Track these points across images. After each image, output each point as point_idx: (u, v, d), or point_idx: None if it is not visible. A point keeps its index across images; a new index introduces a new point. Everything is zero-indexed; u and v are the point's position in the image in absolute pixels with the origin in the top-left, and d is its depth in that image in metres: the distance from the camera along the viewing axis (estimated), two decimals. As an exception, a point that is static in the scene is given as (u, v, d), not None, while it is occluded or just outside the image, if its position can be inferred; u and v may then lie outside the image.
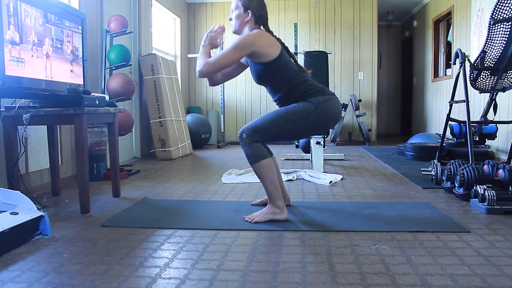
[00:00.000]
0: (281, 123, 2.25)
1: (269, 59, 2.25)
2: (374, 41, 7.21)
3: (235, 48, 2.21)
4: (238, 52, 2.22)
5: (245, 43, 2.22)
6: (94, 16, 4.06)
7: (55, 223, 2.25)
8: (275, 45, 2.28)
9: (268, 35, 2.31)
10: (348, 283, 1.45)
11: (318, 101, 2.25)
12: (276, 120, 2.25)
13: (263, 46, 2.23)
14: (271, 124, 2.25)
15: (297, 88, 2.30)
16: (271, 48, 2.26)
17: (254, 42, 2.22)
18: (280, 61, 2.27)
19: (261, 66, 2.29)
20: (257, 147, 2.22)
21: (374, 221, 2.25)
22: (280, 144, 6.95)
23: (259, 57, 2.25)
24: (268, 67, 2.27)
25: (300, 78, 2.32)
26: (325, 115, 2.26)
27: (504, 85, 3.19)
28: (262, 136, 2.25)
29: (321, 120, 2.26)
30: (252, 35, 2.25)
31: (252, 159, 2.23)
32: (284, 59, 2.30)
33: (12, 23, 2.33)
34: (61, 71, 2.81)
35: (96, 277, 1.53)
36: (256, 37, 2.24)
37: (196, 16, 7.45)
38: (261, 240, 1.95)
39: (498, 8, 2.96)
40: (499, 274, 1.53)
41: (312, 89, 2.30)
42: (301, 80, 2.31)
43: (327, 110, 2.26)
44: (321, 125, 2.29)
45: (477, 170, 2.67)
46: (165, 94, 5.20)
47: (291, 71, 2.31)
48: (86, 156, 2.51)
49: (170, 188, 3.27)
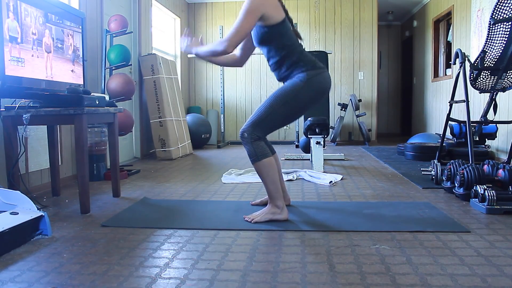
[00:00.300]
0: (276, 110, 2.26)
1: (274, 22, 2.26)
2: (374, 41, 7.21)
3: (247, 12, 2.19)
4: (252, 15, 2.20)
5: (255, 4, 2.20)
6: (94, 16, 4.06)
7: (55, 223, 2.25)
8: (279, 9, 2.30)
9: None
10: (348, 283, 1.45)
11: (307, 76, 2.27)
12: (270, 109, 2.26)
13: (270, 9, 2.24)
14: (267, 114, 2.26)
15: (291, 56, 2.31)
16: (277, 11, 2.27)
17: (263, 3, 2.21)
18: (283, 26, 2.29)
19: (265, 29, 2.28)
20: (259, 145, 2.23)
21: (374, 221, 2.25)
22: (280, 144, 6.96)
23: (266, 19, 2.25)
24: (271, 29, 2.27)
25: (296, 47, 2.34)
26: (315, 89, 2.29)
27: (504, 85, 3.19)
28: (263, 129, 2.25)
29: (312, 94, 2.29)
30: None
31: (254, 157, 2.23)
32: (287, 25, 2.32)
33: (12, 16, 2.33)
34: (62, 71, 2.81)
35: (96, 277, 1.53)
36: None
37: (196, 16, 7.45)
38: (261, 240, 1.95)
39: (498, 8, 2.96)
40: (499, 274, 1.53)
41: (304, 61, 2.31)
42: (296, 50, 2.33)
43: (317, 83, 2.29)
44: (313, 99, 2.32)
45: (477, 170, 2.67)
46: (165, 94, 5.20)
47: (290, 38, 2.32)
48: (86, 156, 2.51)
49: (170, 188, 3.27)
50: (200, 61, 7.47)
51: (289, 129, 7.32)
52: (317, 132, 4.14)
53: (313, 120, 4.15)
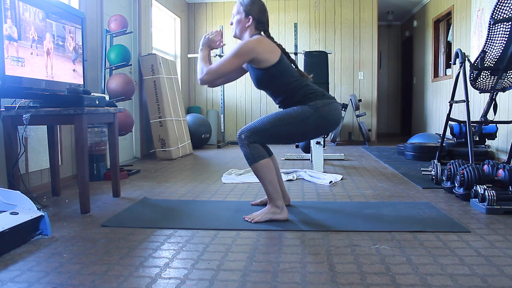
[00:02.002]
0: (279, 126, 2.25)
1: (269, 64, 2.26)
2: (374, 41, 7.21)
3: (236, 55, 2.22)
4: (239, 59, 2.23)
5: (245, 49, 2.22)
6: (94, 16, 4.06)
7: (55, 223, 2.25)
8: (275, 50, 2.29)
9: (268, 41, 2.31)
10: (348, 283, 1.45)
11: (317, 105, 2.25)
12: (274, 122, 2.25)
13: (263, 52, 2.24)
14: (270, 126, 2.25)
15: (297, 92, 2.30)
16: (271, 54, 2.26)
17: (254, 48, 2.23)
18: (279, 66, 2.28)
19: (261, 72, 2.30)
20: (255, 147, 2.23)
21: (374, 221, 2.25)
22: (280, 144, 6.95)
23: (259, 63, 2.26)
24: (268, 72, 2.28)
25: (300, 82, 2.32)
26: (324, 119, 2.26)
27: (504, 85, 3.19)
28: (261, 138, 2.25)
29: (320, 124, 2.27)
30: (252, 41, 2.25)
31: (250, 159, 2.23)
32: (284, 64, 2.31)
33: (9, 16, 2.33)
34: (63, 70, 2.81)
35: (96, 277, 1.53)
36: (256, 44, 2.24)
37: (196, 16, 7.45)
38: (261, 240, 1.95)
39: (498, 8, 2.96)
40: (499, 274, 1.53)
41: (312, 93, 2.30)
42: (301, 85, 2.31)
43: (326, 114, 2.26)
44: (320, 129, 2.30)
45: (477, 170, 2.67)
46: (165, 94, 5.20)
47: (290, 75, 2.31)
48: (86, 156, 2.51)
49: (170, 188, 3.27)
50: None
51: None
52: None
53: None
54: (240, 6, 2.37)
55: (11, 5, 2.33)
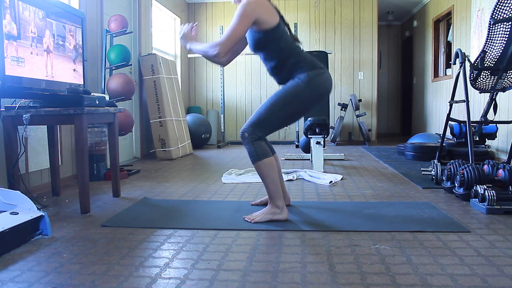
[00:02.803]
0: (277, 110, 2.25)
1: (268, 26, 2.25)
2: (374, 41, 7.21)
3: (240, 17, 2.18)
4: (245, 20, 2.19)
5: (248, 9, 2.19)
6: (94, 16, 4.06)
7: (55, 223, 2.25)
8: (274, 13, 2.29)
9: (267, 2, 2.31)
10: (348, 283, 1.45)
11: (309, 77, 2.26)
12: (271, 109, 2.26)
13: (264, 13, 2.23)
14: (268, 114, 2.25)
15: (289, 59, 2.30)
16: (271, 16, 2.26)
17: (256, 8, 2.21)
18: (278, 29, 2.28)
19: (260, 34, 2.28)
20: (259, 145, 2.23)
21: (374, 221, 2.25)
22: (280, 144, 6.96)
23: (260, 24, 2.24)
24: (267, 34, 2.27)
25: (294, 49, 2.33)
26: (317, 90, 2.28)
27: (504, 85, 3.19)
28: (263, 129, 2.25)
29: (313, 95, 2.29)
30: (252, 2, 2.22)
31: (254, 157, 2.23)
32: (282, 29, 2.31)
33: (8, 13, 2.33)
34: (63, 70, 2.80)
35: (96, 277, 1.53)
36: (257, 3, 2.23)
37: (196, 16, 7.45)
38: (261, 240, 1.95)
39: (498, 8, 2.96)
40: (499, 274, 1.53)
41: (303, 62, 2.30)
42: (294, 51, 2.32)
43: (318, 84, 2.28)
44: (315, 100, 2.31)
45: (477, 170, 2.67)
46: (165, 94, 5.20)
47: (286, 41, 2.32)
48: (86, 156, 2.51)
49: (170, 188, 3.27)
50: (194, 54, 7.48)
51: (289, 129, 7.32)
52: (317, 132, 4.14)
53: (313, 120, 4.15)
54: None
55: (11, 4, 2.33)
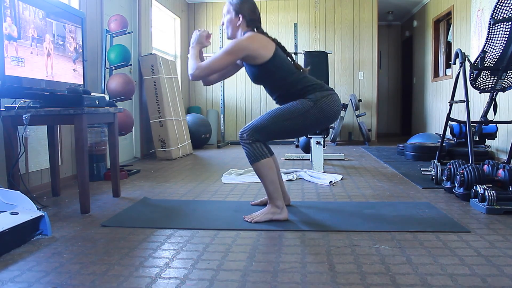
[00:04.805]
0: (280, 121, 2.25)
1: (263, 60, 2.25)
2: (374, 41, 7.21)
3: (228, 52, 2.22)
4: (231, 57, 2.23)
5: (237, 47, 2.22)
6: (94, 16, 4.06)
7: (55, 223, 2.25)
8: (268, 45, 2.28)
9: (261, 36, 2.30)
10: (348, 283, 1.45)
11: (317, 98, 2.25)
12: (275, 118, 2.25)
13: (256, 49, 2.23)
14: (271, 122, 2.25)
15: (295, 86, 2.30)
16: (265, 49, 2.26)
17: (247, 46, 2.22)
18: (274, 61, 2.27)
19: (256, 68, 2.29)
20: (257, 146, 2.23)
21: (374, 221, 2.25)
22: (280, 144, 6.96)
23: (253, 59, 2.26)
24: (263, 68, 2.28)
25: (297, 76, 2.32)
26: (324, 112, 2.26)
27: (504, 85, 3.19)
28: (262, 135, 2.25)
29: (320, 116, 2.26)
30: (244, 39, 2.25)
31: (252, 158, 2.23)
32: (279, 59, 2.30)
33: (9, 15, 2.33)
34: (63, 70, 2.80)
35: (96, 277, 1.53)
36: (248, 41, 2.24)
37: (196, 16, 7.45)
38: (261, 240, 1.95)
39: (498, 8, 2.96)
40: (499, 274, 1.53)
41: (311, 86, 2.29)
42: (298, 78, 2.31)
43: (326, 106, 2.26)
44: (321, 121, 2.29)
45: (477, 170, 2.67)
46: (165, 94, 5.20)
47: (287, 69, 2.31)
48: (86, 156, 2.51)
49: (170, 188, 3.27)
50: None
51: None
52: (317, 132, 4.14)
53: (313, 120, 4.14)
54: (229, 6, 2.36)
55: (11, 4, 2.33)
